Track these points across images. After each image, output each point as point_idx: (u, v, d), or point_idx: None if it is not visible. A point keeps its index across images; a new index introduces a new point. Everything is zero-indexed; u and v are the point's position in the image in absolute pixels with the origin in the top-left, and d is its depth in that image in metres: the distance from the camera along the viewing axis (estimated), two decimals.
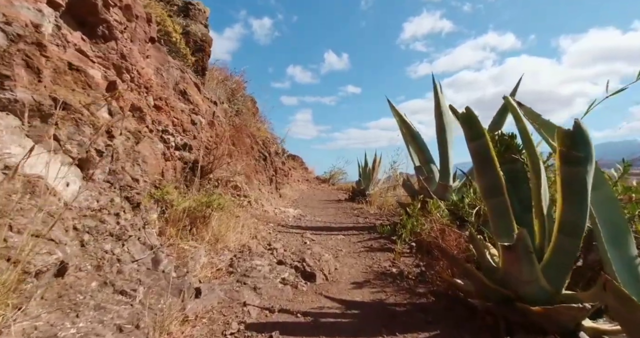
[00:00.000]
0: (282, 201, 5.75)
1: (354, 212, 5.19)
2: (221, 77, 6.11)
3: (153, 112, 2.20)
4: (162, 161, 2.20)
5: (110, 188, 1.36)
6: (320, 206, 6.00)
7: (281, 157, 10.05)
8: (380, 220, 4.27)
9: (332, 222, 4.08)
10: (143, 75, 2.17)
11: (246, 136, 3.93)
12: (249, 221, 2.95)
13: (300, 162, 18.30)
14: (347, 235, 3.24)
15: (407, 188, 3.73)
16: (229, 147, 3.11)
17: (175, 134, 2.42)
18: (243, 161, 3.85)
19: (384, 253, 2.60)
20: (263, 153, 4.75)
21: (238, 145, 3.52)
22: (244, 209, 3.38)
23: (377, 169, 7.00)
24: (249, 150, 4.19)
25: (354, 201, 6.89)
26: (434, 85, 3.45)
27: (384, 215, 4.75)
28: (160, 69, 2.61)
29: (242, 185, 3.48)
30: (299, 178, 13.22)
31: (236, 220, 2.63)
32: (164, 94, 2.46)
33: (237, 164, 3.50)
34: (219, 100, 4.25)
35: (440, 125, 3.43)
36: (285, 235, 3.04)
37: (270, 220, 3.62)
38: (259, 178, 4.30)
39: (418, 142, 3.66)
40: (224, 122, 3.68)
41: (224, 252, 1.99)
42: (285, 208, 4.91)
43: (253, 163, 4.23)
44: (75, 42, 1.58)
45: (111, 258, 1.13)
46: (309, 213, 4.80)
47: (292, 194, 7.64)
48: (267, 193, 4.51)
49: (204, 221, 2.08)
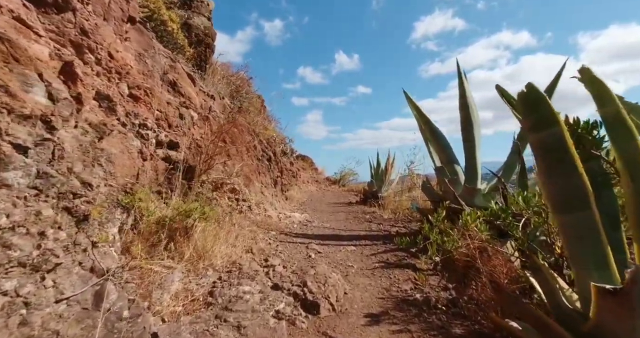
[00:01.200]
0: (289, 204, 5.38)
1: (365, 216, 4.76)
2: (224, 72, 5.80)
3: (128, 102, 1.85)
4: (139, 161, 1.84)
5: (38, 197, 1.00)
6: (329, 210, 5.59)
7: (289, 157, 9.69)
8: (396, 226, 3.83)
9: (342, 229, 3.67)
10: (117, 59, 1.83)
11: (247, 133, 3.57)
12: (245, 230, 2.57)
13: (310, 163, 17.94)
14: (358, 246, 2.83)
15: (427, 191, 3.28)
16: (225, 144, 2.75)
17: (157, 129, 2.07)
18: (243, 161, 3.49)
19: (403, 271, 2.18)
20: (267, 152, 4.39)
21: (236, 143, 3.16)
22: (242, 215, 3.01)
23: (390, 170, 6.54)
24: (251, 149, 3.83)
25: (365, 204, 6.45)
26: (459, 72, 2.99)
27: (399, 221, 4.31)
28: (143, 55, 2.27)
29: (240, 187, 3.11)
30: (308, 180, 12.84)
31: (229, 230, 2.26)
32: (146, 83, 2.12)
33: (235, 164, 3.14)
34: (219, 95, 3.91)
35: (465, 119, 2.97)
36: (287, 246, 2.65)
37: (272, 227, 3.24)
38: (262, 180, 3.93)
39: (439, 139, 3.21)
40: (221, 117, 3.33)
41: (206, 272, 1.61)
42: (291, 212, 4.53)
43: (255, 163, 3.87)
44: (11, 7, 1.24)
45: (10, 303, 0.77)
46: (316, 218, 4.41)
47: (300, 196, 7.26)
48: (270, 196, 4.14)
49: (185, 234, 1.71)
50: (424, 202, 4.34)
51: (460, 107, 3.00)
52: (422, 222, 4.16)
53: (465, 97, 2.96)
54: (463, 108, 2.96)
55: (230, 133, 2.85)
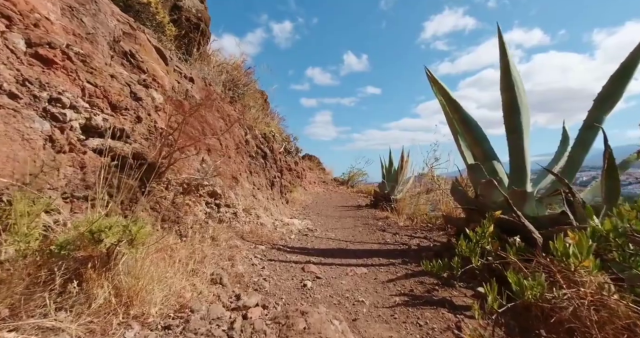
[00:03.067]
0: (289, 208, 4.75)
1: (377, 223, 4.09)
2: (219, 60, 5.23)
3: (30, 65, 1.26)
4: (47, 152, 1.24)
5: None
6: (335, 214, 4.94)
7: (294, 156, 9.08)
8: (415, 237, 3.16)
9: (350, 241, 3.02)
10: (15, 2, 1.25)
11: (231, 122, 2.96)
12: (221, 247, 1.96)
13: (317, 162, 17.32)
14: (371, 267, 2.17)
15: (458, 195, 2.60)
16: (200, 134, 2.14)
17: (89, 109, 1.48)
18: (230, 158, 2.88)
19: (436, 312, 1.51)
20: (262, 149, 3.78)
21: (216, 132, 2.54)
22: (224, 225, 2.40)
23: (404, 169, 5.85)
24: (241, 144, 3.22)
25: (376, 207, 5.78)
26: (501, 45, 2.30)
27: (417, 230, 3.63)
28: (77, 10, 1.69)
29: (223, 190, 2.50)
30: (315, 180, 12.20)
31: (194, 249, 1.65)
32: (77, 47, 1.52)
33: (216, 160, 2.53)
34: (205, 80, 3.32)
35: (510, 103, 2.29)
36: (277, 267, 2.02)
37: (263, 239, 2.62)
38: (255, 180, 3.32)
39: (473, 130, 2.53)
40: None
41: (124, 333, 0.99)
42: (290, 218, 3.90)
43: (247, 161, 3.26)
44: None
45: None
46: (320, 225, 3.77)
47: (305, 199, 6.64)
48: (266, 199, 3.52)
49: (103, 266, 1.09)
50: (453, 209, 3.65)
51: (503, 88, 2.31)
52: (448, 231, 3.48)
53: (509, 75, 2.27)
54: (507, 89, 2.28)
55: (206, 119, 2.24)
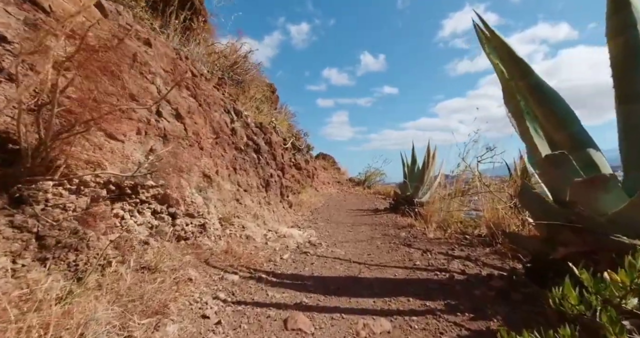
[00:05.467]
0: (292, 214, 3.98)
1: (400, 234, 3.25)
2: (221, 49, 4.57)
3: None
4: None
5: None
6: (348, 220, 4.13)
7: (305, 153, 8.31)
8: (454, 255, 2.31)
9: (365, 262, 2.21)
10: None
11: (208, 104, 2.20)
12: (153, 286, 1.21)
13: (332, 162, 16.53)
14: (397, 317, 1.36)
15: (532, 202, 1.71)
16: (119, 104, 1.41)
17: None
18: (201, 149, 2.14)
19: None
20: (255, 141, 3.01)
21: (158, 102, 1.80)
22: (181, 244, 1.66)
23: (430, 167, 4.95)
24: (223, 133, 2.46)
25: (397, 212, 4.91)
26: None
27: (454, 244, 2.77)
28: None
29: (182, 193, 1.76)
30: (329, 180, 11.39)
31: (87, 303, 0.90)
32: None
33: (181, 155, 1.79)
34: (178, 52, 2.60)
35: (630, 51, 1.41)
36: (244, 320, 1.25)
37: (242, 261, 1.86)
38: (241, 180, 2.57)
39: (553, 101, 1.66)
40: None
41: None
42: (291, 227, 3.13)
43: (230, 155, 2.50)
44: None
45: None
46: (327, 236, 2.97)
47: (315, 201, 5.86)
48: (257, 204, 2.77)
49: None
50: (494, 215, 2.75)
51: (615, 28, 1.44)
52: (497, 247, 2.59)
53: (628, 8, 1.39)
54: (625, 28, 1.40)
55: (167, 98, 1.50)
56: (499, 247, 2.62)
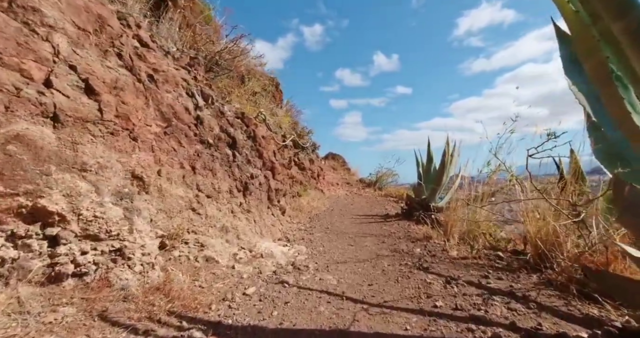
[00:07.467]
0: (284, 222, 3.34)
1: (414, 250, 2.57)
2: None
3: None
4: None
5: None
6: (352, 230, 3.46)
7: (310, 153, 7.68)
8: (490, 288, 1.61)
9: (363, 299, 1.55)
10: None
11: (171, 83, 1.61)
12: None
13: (342, 162, 15.80)
14: None
15: (636, 211, 1.02)
16: None
17: None
18: (133, 140, 1.55)
19: None
20: (229, 134, 2.37)
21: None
22: (68, 288, 1.05)
23: (449, 166, 4.22)
24: (179, 120, 1.85)
25: (410, 218, 4.20)
26: None
27: (485, 266, 2.08)
28: None
29: (83, 203, 1.16)
30: (338, 181, 10.70)
31: None
32: None
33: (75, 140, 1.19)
34: (134, 17, 2.02)
35: None
36: None
37: (179, 302, 1.25)
38: (203, 182, 1.95)
39: None
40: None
41: None
42: (276, 240, 2.50)
43: (191, 151, 1.89)
44: None
45: None
46: (320, 253, 2.33)
47: (316, 205, 5.21)
48: (228, 213, 2.15)
49: None
50: (540, 227, 2.02)
51: None
52: (547, 273, 1.87)
53: None
54: None
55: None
56: (549, 273, 1.91)
